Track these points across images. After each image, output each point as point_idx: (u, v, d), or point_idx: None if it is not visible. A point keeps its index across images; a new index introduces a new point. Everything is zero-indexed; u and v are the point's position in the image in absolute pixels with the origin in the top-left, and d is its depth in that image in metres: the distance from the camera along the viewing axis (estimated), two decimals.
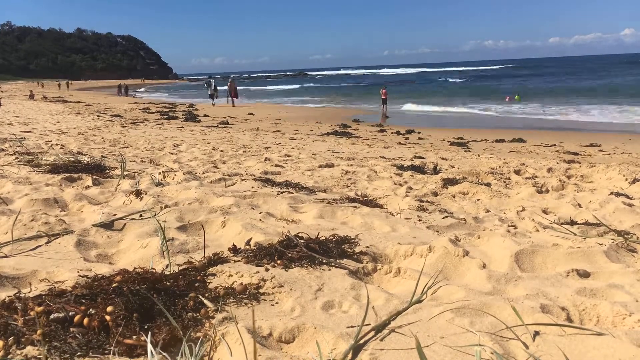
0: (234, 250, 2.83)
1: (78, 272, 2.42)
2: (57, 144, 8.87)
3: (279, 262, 2.61)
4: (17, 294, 2.10)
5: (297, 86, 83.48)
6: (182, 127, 17.36)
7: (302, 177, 6.44)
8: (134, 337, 1.78)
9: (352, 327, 1.96)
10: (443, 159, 9.75)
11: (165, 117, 22.13)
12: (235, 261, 2.65)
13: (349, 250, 2.89)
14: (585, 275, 2.63)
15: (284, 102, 45.68)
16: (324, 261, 2.65)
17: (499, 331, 1.92)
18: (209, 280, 2.38)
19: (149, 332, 1.78)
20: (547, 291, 2.34)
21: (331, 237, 3.01)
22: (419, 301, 2.24)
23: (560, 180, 6.28)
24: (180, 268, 2.49)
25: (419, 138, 16.75)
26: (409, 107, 35.02)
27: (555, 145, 14.82)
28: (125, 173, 5.32)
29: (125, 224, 3.38)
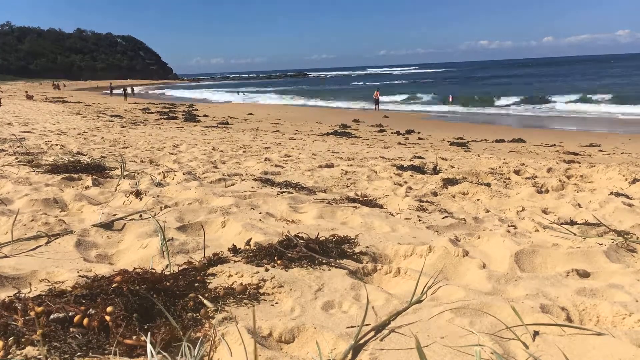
0: (234, 250, 2.83)
1: (78, 272, 2.42)
2: (56, 144, 8.87)
3: (279, 262, 2.61)
4: (17, 294, 2.10)
5: (297, 87, 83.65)
6: (182, 127, 17.37)
7: (302, 177, 6.43)
8: (134, 337, 1.78)
9: (352, 327, 1.96)
10: (443, 159, 9.75)
11: (165, 117, 22.14)
12: (235, 261, 2.65)
13: (349, 250, 2.89)
14: (585, 275, 2.63)
15: (284, 102, 45.80)
16: (324, 261, 2.65)
17: (498, 331, 1.92)
18: (208, 281, 2.38)
19: (149, 332, 1.78)
20: (547, 291, 2.34)
21: (331, 237, 3.01)
22: (419, 301, 2.24)
23: (560, 181, 6.28)
24: (180, 268, 2.49)
25: (419, 138, 16.76)
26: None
27: (555, 145, 14.83)
28: (125, 173, 5.32)
29: (125, 224, 3.38)
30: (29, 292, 2.18)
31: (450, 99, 37.57)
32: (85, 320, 1.84)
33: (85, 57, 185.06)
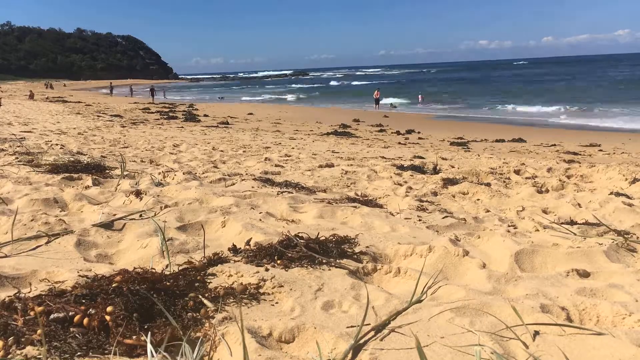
0: (234, 250, 2.83)
1: (78, 272, 2.42)
2: (57, 144, 8.87)
3: (279, 262, 2.61)
4: (17, 294, 2.11)
5: (297, 86, 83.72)
6: (182, 127, 17.37)
7: (302, 177, 6.43)
8: (134, 337, 1.78)
9: (352, 327, 1.96)
10: (443, 158, 9.75)
11: (165, 117, 22.14)
12: (235, 261, 2.65)
13: (349, 250, 2.89)
14: (585, 275, 2.63)
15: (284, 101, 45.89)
16: (324, 261, 2.65)
17: (499, 331, 1.92)
18: (209, 280, 2.38)
19: (149, 332, 1.78)
20: (547, 291, 2.34)
21: (331, 237, 3.01)
22: (419, 301, 2.24)
23: (560, 180, 6.27)
24: (180, 268, 2.49)
25: (419, 138, 16.76)
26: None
27: (555, 145, 14.83)
28: (125, 173, 5.32)
29: (125, 224, 3.38)
30: (29, 292, 2.18)
31: (420, 99, 37.35)
32: (86, 320, 1.84)
33: (85, 57, 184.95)
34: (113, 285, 2.06)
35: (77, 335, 1.78)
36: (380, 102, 34.54)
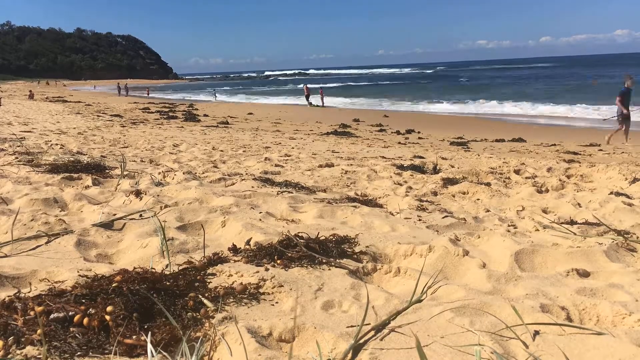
0: (234, 250, 2.83)
1: (78, 272, 2.42)
2: (56, 144, 8.87)
3: (278, 261, 2.61)
4: (17, 294, 2.11)
5: (298, 86, 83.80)
6: (182, 127, 17.36)
7: (302, 177, 6.43)
8: (134, 337, 1.78)
9: (352, 326, 1.96)
10: (443, 158, 9.74)
11: (165, 117, 22.13)
12: (235, 261, 2.65)
13: (349, 250, 2.89)
14: (585, 274, 2.63)
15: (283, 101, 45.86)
16: (324, 261, 2.65)
17: (499, 331, 1.92)
18: (208, 280, 2.38)
19: (149, 332, 1.78)
20: (547, 291, 2.34)
21: (331, 237, 3.01)
22: (419, 301, 2.24)
23: (560, 180, 6.27)
24: (180, 268, 2.49)
25: (419, 138, 16.75)
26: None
27: (555, 144, 14.81)
28: (125, 173, 5.32)
29: (125, 224, 3.38)
30: (29, 292, 2.18)
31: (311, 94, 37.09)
32: (85, 320, 1.84)
33: (85, 57, 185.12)
34: (113, 285, 2.06)
35: (77, 335, 1.78)
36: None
